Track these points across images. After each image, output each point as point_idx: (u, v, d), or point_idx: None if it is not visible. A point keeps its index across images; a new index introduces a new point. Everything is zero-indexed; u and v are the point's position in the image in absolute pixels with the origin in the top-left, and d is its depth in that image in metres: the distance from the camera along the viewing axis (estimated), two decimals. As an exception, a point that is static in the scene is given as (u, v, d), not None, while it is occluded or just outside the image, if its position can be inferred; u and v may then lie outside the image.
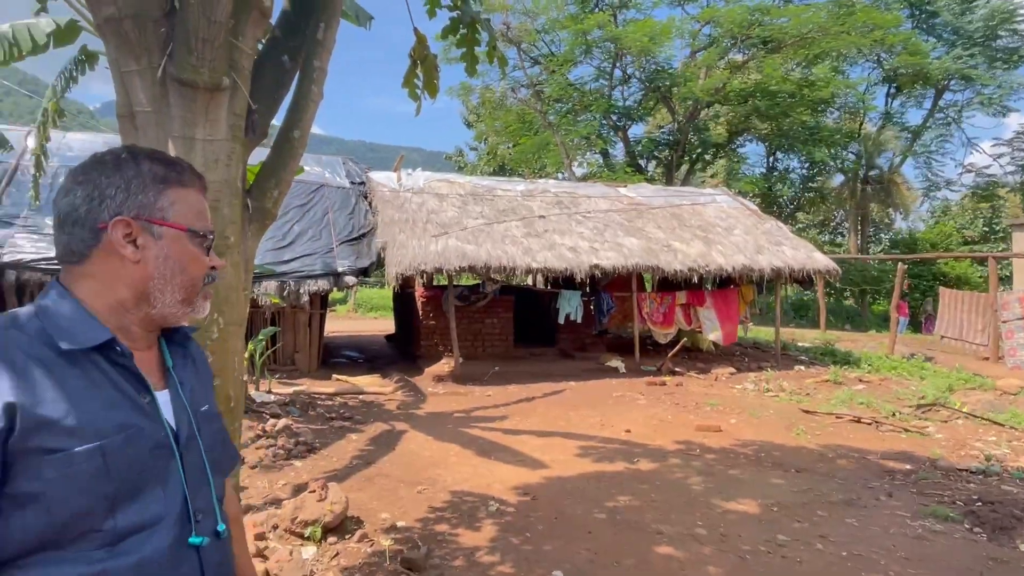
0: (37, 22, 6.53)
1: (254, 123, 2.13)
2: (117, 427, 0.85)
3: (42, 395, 0.81)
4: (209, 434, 1.02)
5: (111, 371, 0.89)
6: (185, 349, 1.06)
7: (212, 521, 0.97)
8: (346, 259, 9.27)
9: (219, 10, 1.73)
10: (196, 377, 1.06)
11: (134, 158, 0.95)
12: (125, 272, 0.92)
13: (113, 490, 0.84)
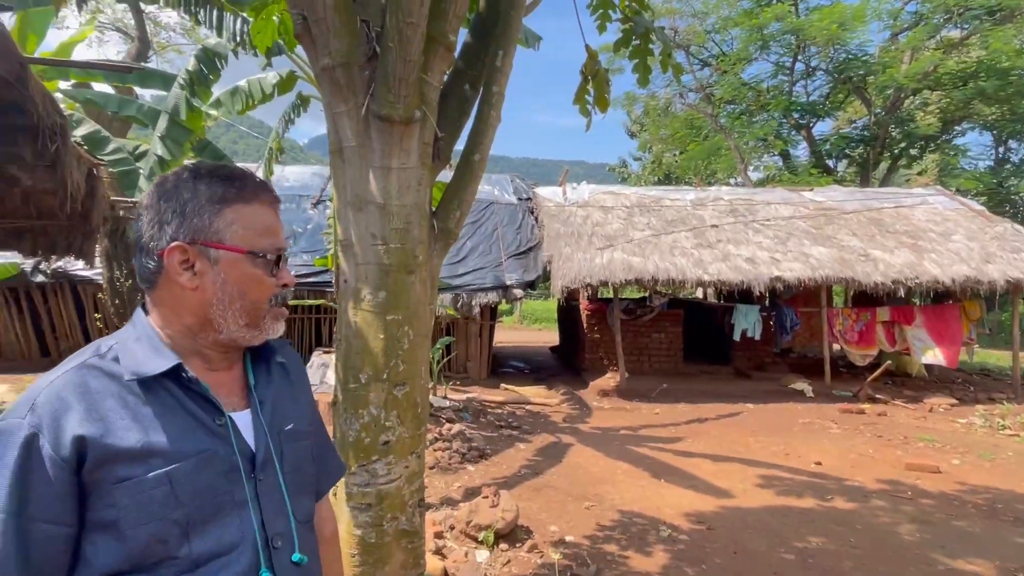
0: (265, 76, 7.81)
1: (439, 149, 2.29)
2: (188, 452, 0.84)
3: (113, 425, 0.81)
4: (292, 454, 0.97)
5: (183, 396, 0.87)
6: (270, 366, 1.01)
7: (290, 548, 0.92)
8: (514, 272, 9.63)
9: (413, 50, 1.89)
10: (285, 394, 1.02)
11: (193, 178, 0.91)
12: (186, 299, 0.90)
13: (183, 516, 0.82)
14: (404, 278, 2.11)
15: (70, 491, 0.79)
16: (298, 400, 1.04)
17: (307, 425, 1.03)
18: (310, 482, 1.03)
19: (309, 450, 1.02)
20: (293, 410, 1.01)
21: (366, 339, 2.09)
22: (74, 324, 9.71)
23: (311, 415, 1.07)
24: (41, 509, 0.77)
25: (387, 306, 2.08)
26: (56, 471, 0.78)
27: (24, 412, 0.80)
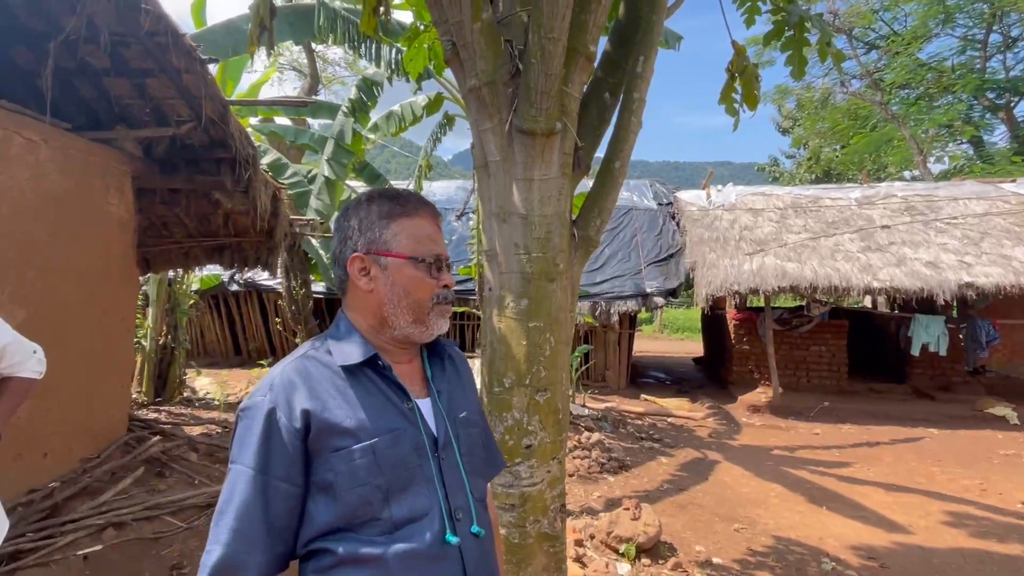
0: (415, 99, 8.41)
1: (579, 159, 2.31)
2: (385, 429, 0.99)
3: (328, 403, 0.98)
4: (467, 438, 1.10)
5: (380, 382, 1.03)
6: (443, 361, 1.16)
7: (469, 521, 1.03)
8: (654, 280, 9.36)
9: (555, 64, 1.94)
10: (457, 386, 1.15)
11: (368, 200, 1.09)
12: (366, 301, 1.06)
13: (384, 483, 0.97)
14: (545, 286, 2.15)
15: (299, 456, 0.96)
16: (466, 392, 1.17)
17: (476, 415, 1.16)
18: (481, 466, 1.14)
19: (479, 437, 1.15)
20: (464, 400, 1.14)
21: (509, 345, 2.16)
22: (259, 327, 11.17)
23: (478, 407, 1.19)
24: (279, 469, 0.95)
25: (529, 313, 2.14)
26: (290, 438, 0.96)
27: (265, 392, 0.98)
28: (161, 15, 3.49)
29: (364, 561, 0.95)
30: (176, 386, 7.52)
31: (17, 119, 3.35)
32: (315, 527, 0.96)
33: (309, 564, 0.98)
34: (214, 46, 5.87)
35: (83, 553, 3.05)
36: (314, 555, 0.98)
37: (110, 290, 4.25)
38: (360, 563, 0.95)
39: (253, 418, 0.96)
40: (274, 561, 0.95)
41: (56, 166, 3.62)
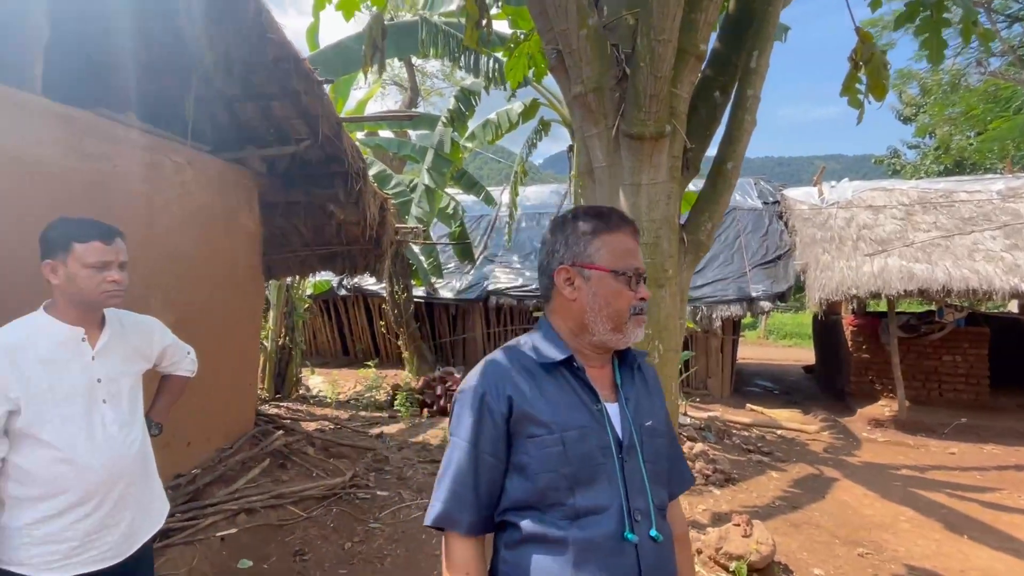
0: (511, 107, 8.54)
1: (688, 161, 2.24)
2: (575, 424, 1.10)
3: (527, 394, 1.12)
4: (651, 446, 1.14)
5: (573, 382, 1.14)
6: (633, 370, 1.22)
7: (648, 524, 1.08)
8: (760, 283, 8.87)
9: (664, 67, 1.90)
10: (645, 395, 1.20)
11: (573, 218, 1.19)
12: (569, 308, 1.17)
13: (571, 472, 1.07)
14: (654, 292, 2.10)
15: (503, 436, 1.12)
16: (654, 402, 1.22)
17: (663, 426, 1.21)
18: (664, 476, 1.18)
19: (664, 448, 1.20)
20: (651, 410, 1.20)
21: (617, 353, 2.13)
22: (365, 329, 11.79)
23: (666, 419, 1.24)
24: (487, 445, 1.12)
25: (637, 321, 2.10)
26: (496, 419, 1.12)
27: (477, 379, 1.16)
28: (284, 43, 3.79)
29: (547, 541, 1.07)
30: (293, 384, 8.11)
31: (167, 144, 3.77)
32: (509, 500, 1.12)
33: (501, 537, 1.14)
34: (326, 66, 6.29)
35: (221, 535, 3.37)
36: (505, 528, 1.13)
37: (241, 296, 4.66)
38: (544, 543, 1.07)
39: (467, 400, 1.14)
40: (479, 522, 1.13)
41: (198, 185, 4.03)
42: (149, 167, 3.60)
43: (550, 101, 6.93)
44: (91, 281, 1.62)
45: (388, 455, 5.29)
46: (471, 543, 1.13)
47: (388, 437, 6.08)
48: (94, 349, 1.67)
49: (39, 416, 1.54)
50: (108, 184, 3.27)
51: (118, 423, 1.68)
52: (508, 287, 9.87)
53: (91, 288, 1.62)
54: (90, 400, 1.63)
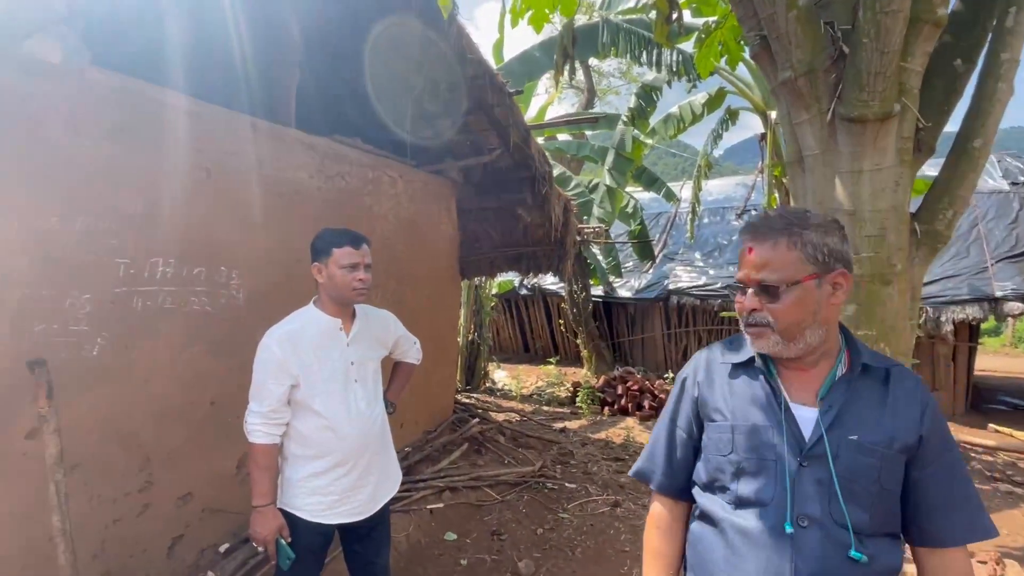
0: (693, 99, 8.20)
1: (921, 141, 1.98)
2: (747, 419, 1.17)
3: (714, 385, 1.24)
4: (850, 461, 1.08)
5: (758, 381, 1.19)
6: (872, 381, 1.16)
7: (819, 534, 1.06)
8: (1006, 281, 7.40)
9: (893, 39, 1.71)
10: (870, 408, 1.13)
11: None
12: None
13: (736, 460, 1.15)
14: (878, 290, 1.91)
15: (695, 416, 1.28)
16: (881, 419, 1.12)
17: (885, 447, 1.10)
18: (866, 498, 1.09)
19: (876, 469, 1.09)
20: (868, 427, 1.11)
21: (832, 355, 1.97)
22: (544, 327, 12.20)
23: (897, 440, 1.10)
24: (682, 421, 1.30)
25: (858, 320, 1.92)
26: (690, 401, 1.29)
27: (688, 366, 1.33)
28: (480, 61, 4.11)
29: (712, 521, 1.18)
30: (481, 377, 8.71)
31: (384, 162, 4.32)
32: (696, 476, 1.26)
33: (693, 509, 1.28)
34: (512, 77, 6.66)
35: (430, 508, 3.77)
36: (694, 502, 1.27)
37: (442, 294, 5.15)
38: (709, 522, 1.19)
39: (676, 383, 1.34)
40: (669, 484, 1.31)
41: (407, 196, 4.55)
42: (370, 182, 4.16)
43: (740, 89, 6.53)
44: (344, 280, 1.95)
45: (572, 449, 5.44)
46: (665, 501, 1.32)
47: (571, 432, 6.25)
48: (348, 337, 2.01)
49: (311, 390, 1.89)
50: (343, 199, 3.85)
51: (366, 400, 2.00)
52: (690, 286, 9.48)
53: (344, 286, 1.95)
54: (346, 379, 1.96)
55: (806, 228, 1.12)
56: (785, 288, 1.11)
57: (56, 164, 2.32)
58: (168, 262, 2.76)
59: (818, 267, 1.11)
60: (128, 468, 2.63)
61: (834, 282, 1.13)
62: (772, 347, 1.15)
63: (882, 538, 1.10)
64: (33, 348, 2.26)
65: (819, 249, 1.11)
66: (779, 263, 1.11)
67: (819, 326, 1.13)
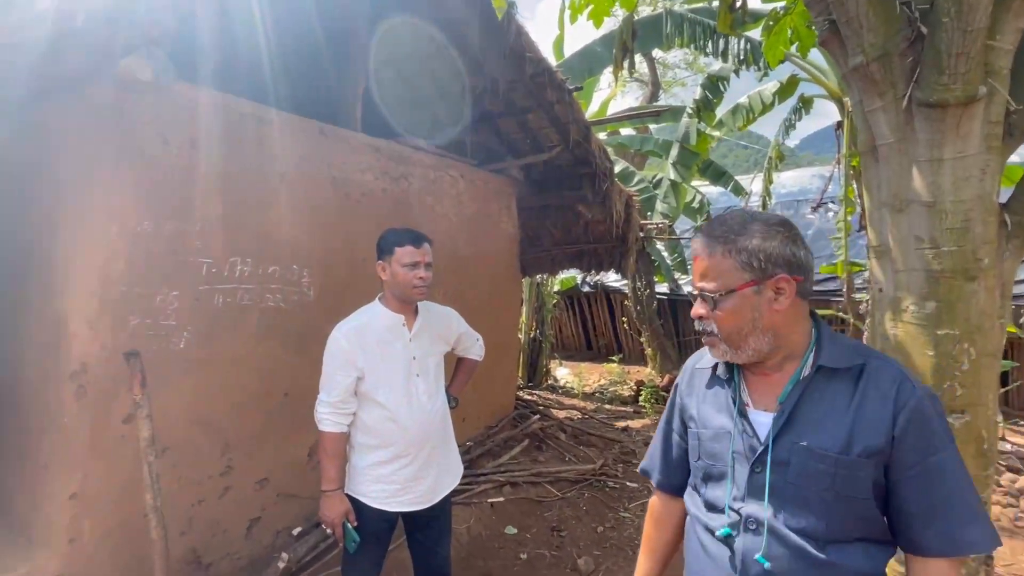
0: (763, 87, 7.86)
1: (1012, 125, 1.84)
2: (712, 425, 1.21)
3: (692, 391, 1.30)
4: (800, 467, 1.07)
5: (724, 387, 1.22)
6: (818, 384, 1.11)
7: (770, 539, 1.08)
8: (1125, 276, 6.66)
9: (978, 16, 1.59)
10: (827, 414, 1.08)
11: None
12: None
13: (703, 466, 1.21)
14: (962, 286, 1.79)
15: (680, 421, 1.35)
16: (840, 426, 1.07)
17: (840, 452, 1.05)
18: (819, 504, 1.06)
19: (828, 476, 1.05)
20: (822, 431, 1.08)
21: (909, 355, 1.86)
22: (607, 324, 12.07)
23: (868, 446, 1.05)
24: (676, 424, 1.36)
25: (938, 319, 1.81)
26: (677, 405, 1.36)
27: (680, 373, 1.39)
28: (540, 59, 4.13)
29: (694, 520, 1.24)
30: (543, 374, 8.73)
31: (445, 162, 4.41)
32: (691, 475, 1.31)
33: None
34: (572, 73, 6.62)
35: (491, 501, 3.83)
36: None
37: (503, 291, 5.21)
38: (693, 520, 1.25)
39: (673, 389, 1.39)
40: (666, 483, 1.39)
41: (469, 195, 4.63)
42: (432, 182, 4.26)
43: (813, 75, 6.21)
44: (405, 278, 2.02)
45: (634, 448, 5.37)
46: (662, 496, 1.42)
47: (633, 431, 6.17)
48: (410, 333, 2.08)
49: (375, 382, 1.97)
50: (406, 199, 3.97)
51: (427, 393, 2.06)
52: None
53: (405, 283, 2.02)
54: (408, 373, 2.03)
55: (742, 235, 1.11)
56: (720, 296, 1.11)
57: (148, 172, 2.52)
58: (246, 261, 2.94)
59: (754, 274, 1.09)
60: (211, 453, 2.83)
61: (776, 287, 1.10)
62: (723, 355, 1.17)
63: (852, 544, 1.06)
64: (129, 341, 2.47)
65: (755, 256, 1.09)
66: (715, 272, 1.12)
67: (763, 333, 1.11)
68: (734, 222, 1.13)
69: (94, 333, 2.39)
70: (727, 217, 1.16)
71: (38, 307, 2.51)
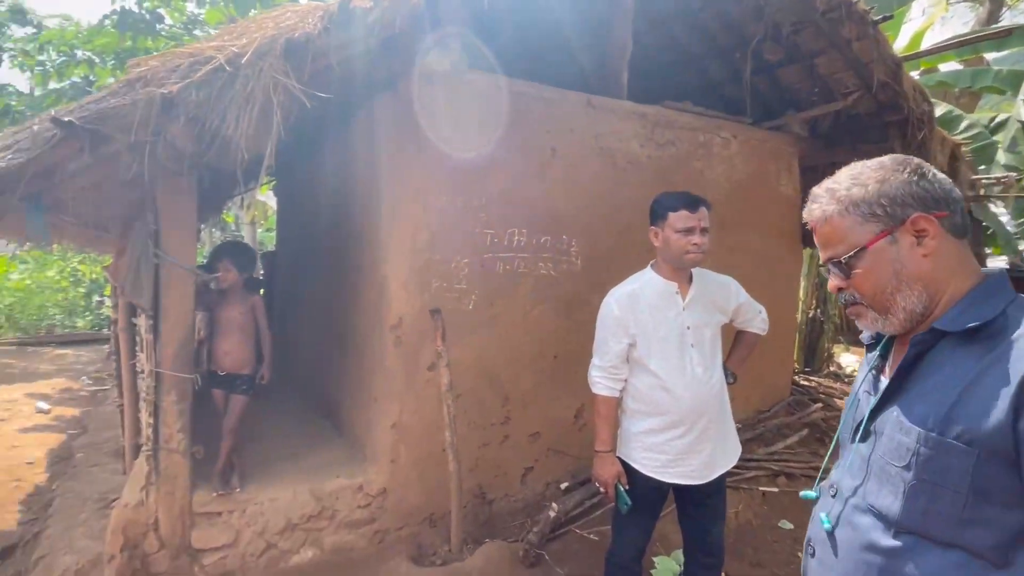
0: None
1: None
2: (855, 391, 1.11)
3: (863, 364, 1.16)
4: (889, 442, 0.95)
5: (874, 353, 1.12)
6: (937, 357, 0.95)
7: (847, 510, 1.01)
8: None
9: None
10: (937, 391, 0.91)
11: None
12: None
13: (839, 436, 1.15)
14: None
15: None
16: (945, 400, 0.90)
17: (933, 429, 0.90)
18: (899, 484, 0.93)
19: (910, 453, 0.92)
20: (923, 403, 0.93)
21: None
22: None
23: (973, 431, 0.86)
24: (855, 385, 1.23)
25: None
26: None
27: None
28: (835, -11, 3.51)
29: None
30: (824, 359, 7.69)
31: (715, 123, 4.10)
32: None
33: None
34: (877, 2, 5.52)
35: (763, 490, 3.53)
36: None
37: (779, 263, 4.68)
38: None
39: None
40: None
41: (741, 158, 4.24)
42: (701, 146, 4.00)
43: None
44: (679, 244, 1.92)
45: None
46: None
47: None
48: (684, 301, 1.98)
49: (647, 349, 1.94)
50: (673, 166, 3.81)
51: (703, 365, 1.95)
52: None
53: (678, 250, 1.92)
54: (681, 343, 1.95)
55: (854, 186, 1.00)
56: (851, 258, 1.00)
57: (444, 153, 2.88)
58: (521, 232, 3.18)
59: (882, 222, 0.97)
60: (493, 403, 3.17)
61: (916, 230, 0.96)
62: (873, 323, 1.04)
63: (942, 549, 0.89)
64: (430, 300, 2.88)
65: (875, 203, 0.98)
66: (838, 236, 1.02)
67: (910, 287, 0.97)
68: (841, 177, 1.03)
69: (407, 293, 2.85)
70: (829, 180, 1.05)
71: (368, 271, 3.09)
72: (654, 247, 2.03)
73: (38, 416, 5.15)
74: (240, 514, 2.64)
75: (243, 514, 2.64)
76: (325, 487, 2.80)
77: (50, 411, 5.32)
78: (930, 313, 0.97)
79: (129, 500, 2.52)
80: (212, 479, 2.65)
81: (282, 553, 2.70)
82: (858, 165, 1.03)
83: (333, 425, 3.67)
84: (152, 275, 2.46)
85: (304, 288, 4.66)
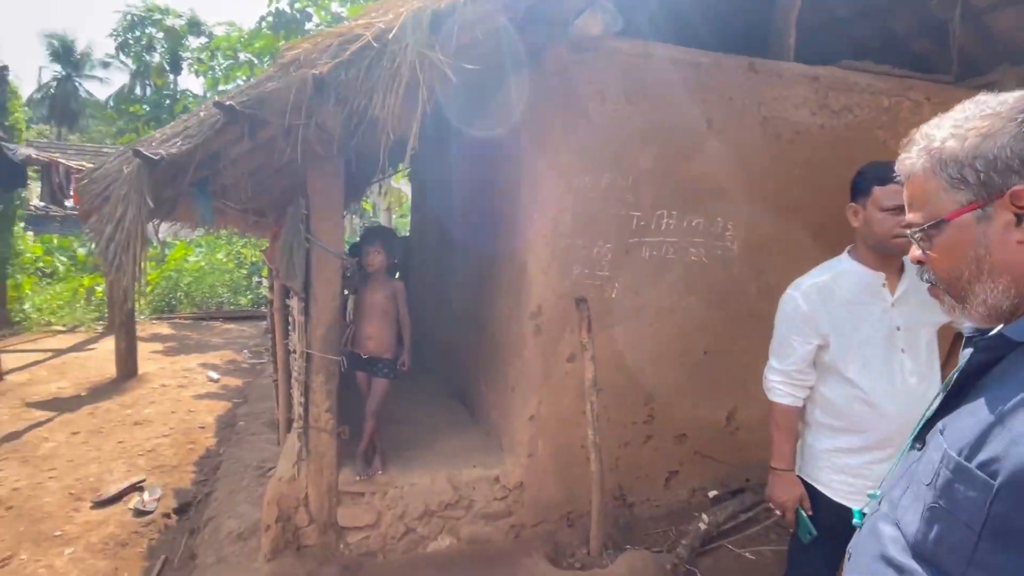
0: None
1: None
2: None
3: None
4: (927, 453, 0.82)
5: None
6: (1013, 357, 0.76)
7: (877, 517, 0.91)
8: None
9: None
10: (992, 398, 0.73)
11: None
12: None
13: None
14: None
15: None
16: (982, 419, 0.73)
17: (958, 451, 0.74)
18: (921, 504, 0.79)
19: (932, 473, 0.78)
20: (966, 420, 0.76)
21: None
22: None
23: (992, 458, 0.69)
24: None
25: None
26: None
27: None
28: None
29: None
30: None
31: (905, 83, 3.47)
32: None
33: None
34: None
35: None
36: None
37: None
38: None
39: None
40: None
41: (935, 123, 3.56)
42: (885, 111, 3.41)
43: None
44: (884, 225, 1.56)
45: None
46: None
47: None
48: (893, 296, 1.61)
49: (844, 353, 1.60)
50: (849, 136, 3.28)
51: (916, 375, 1.58)
52: None
53: (883, 232, 1.56)
54: (889, 347, 1.59)
55: (949, 138, 0.77)
56: (928, 229, 0.81)
57: (588, 128, 2.66)
58: (671, 214, 2.88)
59: (971, 192, 0.75)
60: (635, 401, 2.93)
61: (1017, 208, 0.72)
62: (951, 312, 0.84)
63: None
64: (572, 288, 2.70)
65: (966, 164, 0.75)
66: (920, 198, 0.82)
67: (994, 278, 0.76)
68: (949, 117, 0.80)
69: (547, 279, 2.69)
70: (929, 123, 0.83)
71: (506, 257, 2.97)
72: (853, 228, 1.67)
73: (209, 384, 5.75)
74: (381, 496, 2.66)
75: (384, 496, 2.66)
76: (462, 476, 2.75)
77: (219, 380, 5.91)
78: (1022, 312, 0.79)
79: (283, 474, 2.63)
80: (356, 460, 2.70)
81: (420, 538, 2.69)
82: (977, 102, 0.79)
83: (467, 410, 3.65)
84: (304, 259, 2.52)
85: (439, 273, 4.70)
